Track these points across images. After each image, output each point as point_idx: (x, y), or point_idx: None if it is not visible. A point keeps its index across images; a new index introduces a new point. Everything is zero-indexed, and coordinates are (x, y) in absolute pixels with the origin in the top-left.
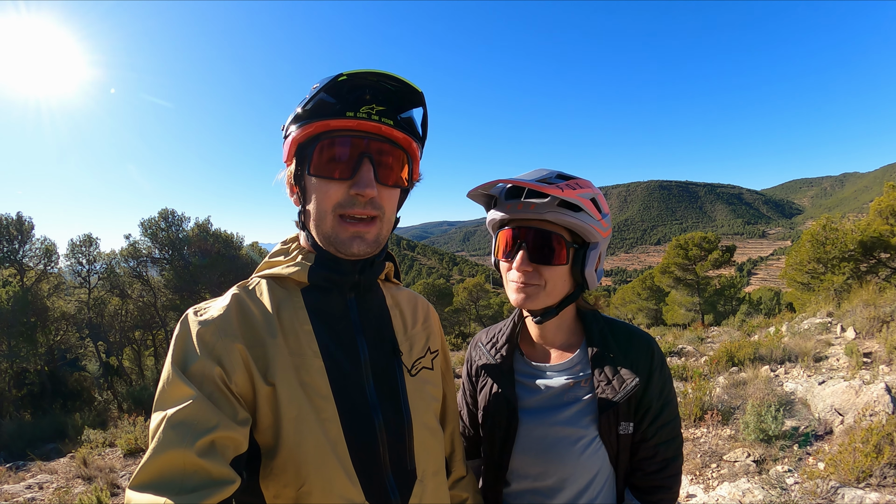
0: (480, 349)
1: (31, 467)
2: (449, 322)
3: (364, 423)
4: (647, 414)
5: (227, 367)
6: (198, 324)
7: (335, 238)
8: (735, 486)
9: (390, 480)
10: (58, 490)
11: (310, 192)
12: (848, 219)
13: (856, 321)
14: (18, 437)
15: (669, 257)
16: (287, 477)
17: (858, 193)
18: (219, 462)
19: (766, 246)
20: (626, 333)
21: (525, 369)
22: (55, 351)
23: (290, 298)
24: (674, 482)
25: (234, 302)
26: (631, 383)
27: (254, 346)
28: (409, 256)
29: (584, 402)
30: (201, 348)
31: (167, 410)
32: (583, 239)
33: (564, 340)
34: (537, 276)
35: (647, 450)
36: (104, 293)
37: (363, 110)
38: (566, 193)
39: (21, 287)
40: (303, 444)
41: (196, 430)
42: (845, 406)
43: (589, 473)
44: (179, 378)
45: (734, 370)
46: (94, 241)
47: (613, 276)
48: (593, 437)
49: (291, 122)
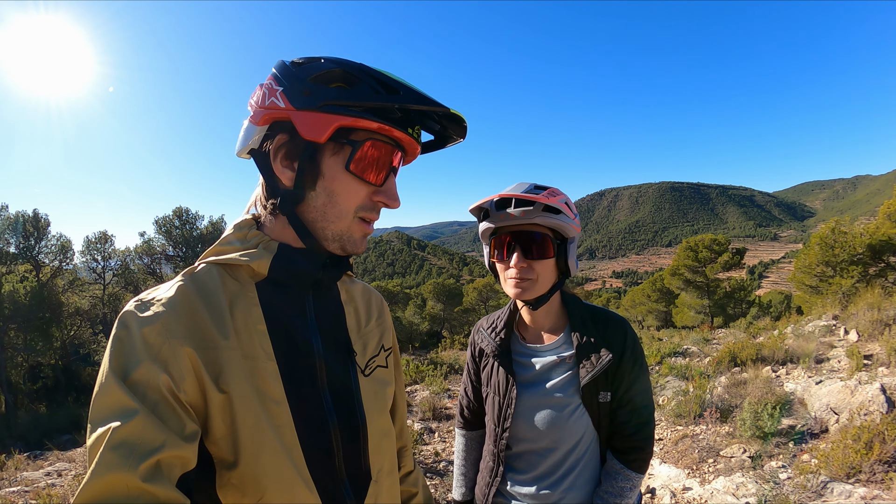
0: (482, 334)
1: (48, 456)
2: (458, 322)
3: (319, 428)
4: (621, 384)
5: (174, 373)
6: (141, 322)
7: (349, 238)
8: (730, 479)
9: (346, 484)
10: (77, 476)
11: (329, 184)
12: (859, 222)
13: (859, 324)
14: (34, 428)
15: (680, 259)
16: (246, 488)
17: (871, 196)
18: (165, 485)
19: (777, 249)
20: (603, 317)
21: (521, 350)
22: (69, 346)
23: (244, 293)
24: (647, 443)
25: (182, 295)
26: (606, 359)
27: (204, 349)
28: (420, 256)
29: (569, 376)
30: (145, 352)
31: (108, 425)
32: (563, 235)
33: (552, 324)
34: (531, 270)
35: (623, 415)
36: (118, 289)
37: (416, 129)
38: (549, 200)
39: (37, 283)
40: (261, 455)
41: (139, 450)
42: (841, 405)
43: (576, 436)
44: (120, 388)
45: (736, 370)
46: (109, 238)
47: (624, 278)
48: (577, 405)
49: (346, 100)
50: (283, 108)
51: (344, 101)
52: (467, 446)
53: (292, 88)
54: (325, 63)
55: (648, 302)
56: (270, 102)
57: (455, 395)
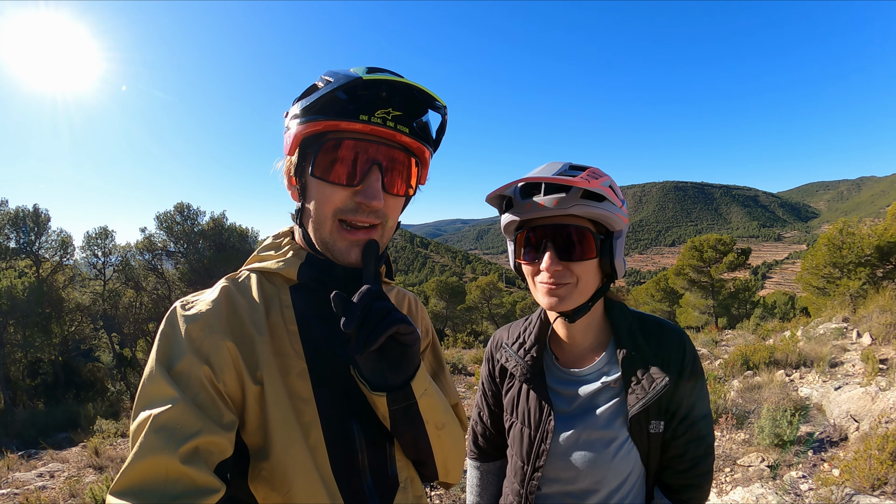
0: (507, 351)
1: (42, 456)
2: (461, 320)
3: (343, 429)
4: (677, 412)
5: (215, 365)
6: (185, 319)
7: (333, 245)
8: (749, 490)
9: (370, 487)
10: (69, 479)
11: (310, 192)
12: (865, 223)
13: (872, 327)
14: (31, 426)
15: (684, 259)
16: (275, 481)
17: (875, 198)
18: (203, 469)
19: (781, 249)
20: (656, 329)
21: (557, 374)
22: (69, 342)
23: (278, 296)
24: (704, 480)
25: (224, 296)
26: (661, 382)
27: (243, 344)
28: (423, 254)
29: (615, 404)
30: (189, 345)
31: (150, 411)
32: (607, 228)
33: (593, 340)
34: (568, 273)
35: (677, 448)
36: (119, 285)
37: (378, 114)
38: (591, 184)
39: (37, 278)
40: (289, 449)
41: (179, 435)
42: (861, 412)
43: (621, 475)
44: (164, 377)
45: (749, 374)
46: (109, 234)
47: (627, 278)
48: (625, 439)
49: (297, 115)
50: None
51: (299, 112)
52: (483, 481)
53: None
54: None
55: (652, 301)
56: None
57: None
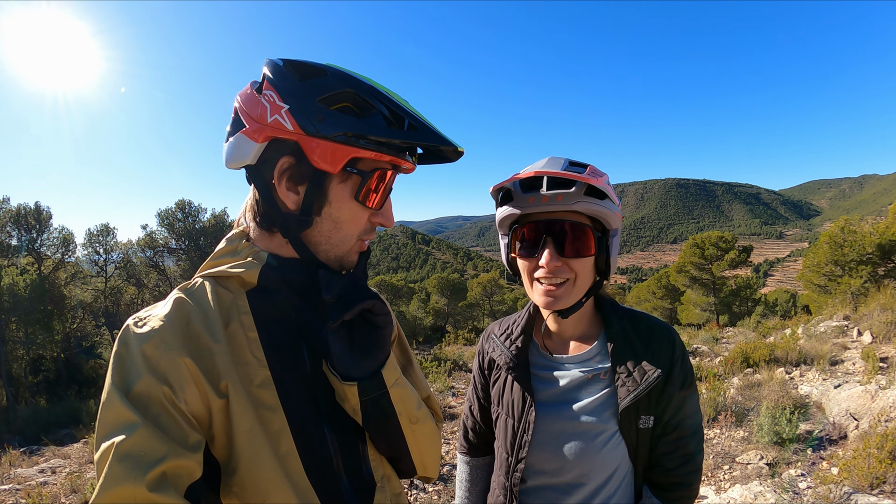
0: (494, 341)
1: (44, 452)
2: (462, 317)
3: (315, 433)
4: (668, 407)
5: (174, 384)
6: (139, 337)
7: (347, 258)
8: (747, 488)
9: (347, 489)
10: (70, 475)
11: (336, 211)
12: (866, 221)
13: (872, 325)
14: (33, 422)
15: (685, 256)
16: (246, 495)
17: (877, 196)
18: (171, 495)
19: (783, 247)
20: (646, 324)
21: (541, 361)
22: (71, 339)
23: (235, 302)
24: (694, 478)
25: (177, 309)
26: (653, 375)
27: (201, 358)
28: (424, 251)
29: (604, 396)
30: (145, 366)
31: (112, 439)
32: (604, 226)
33: (583, 332)
34: (567, 269)
35: (667, 444)
36: (121, 282)
37: (415, 158)
38: (594, 181)
39: (38, 275)
40: (258, 461)
41: (144, 462)
42: (860, 411)
43: (608, 469)
44: (122, 402)
45: (749, 371)
46: (111, 231)
47: (629, 275)
48: (613, 432)
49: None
50: (290, 130)
51: (359, 132)
52: (472, 476)
53: (301, 109)
54: (332, 80)
55: (653, 299)
56: (274, 120)
57: (460, 392)
